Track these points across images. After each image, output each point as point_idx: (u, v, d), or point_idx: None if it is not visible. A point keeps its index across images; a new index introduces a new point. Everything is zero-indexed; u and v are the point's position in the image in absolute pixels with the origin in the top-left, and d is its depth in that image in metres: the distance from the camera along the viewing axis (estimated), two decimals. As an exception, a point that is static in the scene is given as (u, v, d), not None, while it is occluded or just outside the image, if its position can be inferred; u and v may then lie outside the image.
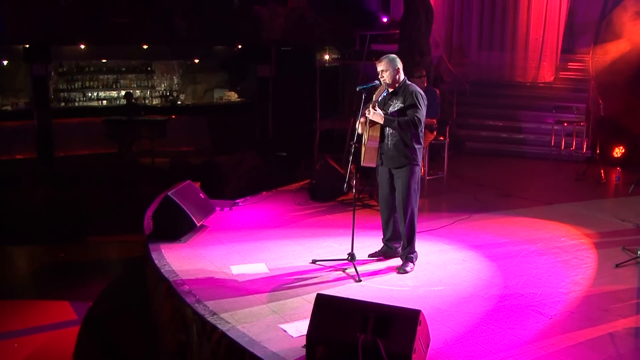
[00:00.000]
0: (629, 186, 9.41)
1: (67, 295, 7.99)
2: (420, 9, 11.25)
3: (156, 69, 17.98)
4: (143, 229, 7.21)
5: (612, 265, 6.16)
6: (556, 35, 13.07)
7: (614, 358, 4.35)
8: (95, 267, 9.15)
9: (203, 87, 18.45)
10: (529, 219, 7.75)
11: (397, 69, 5.83)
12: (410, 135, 5.80)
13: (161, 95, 17.78)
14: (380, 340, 3.85)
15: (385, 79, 5.84)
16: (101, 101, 17.20)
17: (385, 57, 5.87)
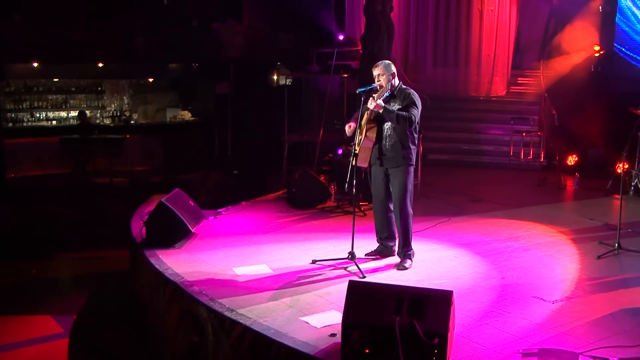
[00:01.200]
0: (587, 190, 9.95)
1: (48, 309, 7.82)
2: (382, 25, 11.51)
3: (106, 89, 17.77)
4: (132, 239, 7.13)
5: (594, 257, 6.54)
6: (507, 51, 13.68)
7: (620, 333, 4.65)
8: (70, 282, 8.99)
9: (154, 106, 18.31)
10: (505, 220, 8.09)
11: (393, 74, 6.10)
12: (407, 137, 6.03)
13: (112, 115, 17.56)
14: (416, 321, 4.00)
15: (381, 82, 6.07)
16: (50, 121, 16.86)
17: (382, 63, 6.14)
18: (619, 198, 9.38)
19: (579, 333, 4.68)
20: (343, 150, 9.73)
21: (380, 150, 6.10)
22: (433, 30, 13.88)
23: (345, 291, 5.27)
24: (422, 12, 13.89)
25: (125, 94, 18.15)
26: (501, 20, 13.55)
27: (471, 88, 13.78)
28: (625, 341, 4.50)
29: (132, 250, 7.43)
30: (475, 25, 13.59)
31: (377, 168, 6.22)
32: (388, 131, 6.05)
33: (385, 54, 11.66)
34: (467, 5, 13.55)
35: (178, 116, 17.07)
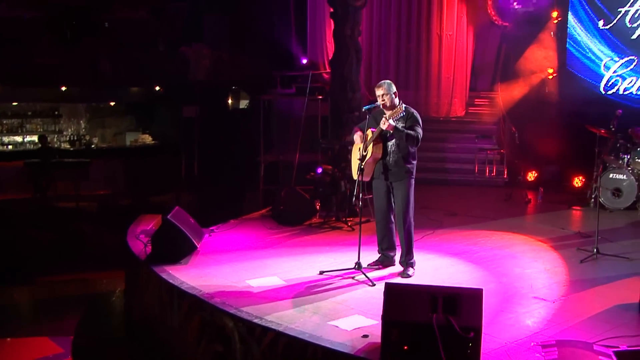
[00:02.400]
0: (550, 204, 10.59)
1: (42, 331, 7.80)
2: (351, 48, 11.98)
3: (63, 113, 17.65)
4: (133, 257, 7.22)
5: (576, 261, 7.07)
6: (464, 74, 14.35)
7: (620, 325, 5.13)
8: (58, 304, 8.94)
9: (112, 130, 18.27)
10: (485, 231, 8.57)
11: (395, 93, 6.51)
12: (408, 153, 6.43)
13: (69, 140, 17.41)
14: (452, 317, 4.34)
15: (385, 102, 6.46)
16: (6, 146, 16.62)
17: (385, 83, 6.54)
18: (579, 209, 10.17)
19: (585, 327, 5.13)
20: (323, 169, 10.04)
21: (385, 166, 6.46)
22: (395, 54, 14.42)
23: (361, 298, 5.69)
24: (385, 36, 14.43)
25: (82, 118, 18.06)
26: (459, 45, 14.22)
27: (432, 109, 14.35)
28: (627, 332, 4.96)
29: (132, 269, 7.50)
30: (435, 50, 14.21)
31: (380, 182, 6.58)
32: (392, 147, 6.43)
33: (354, 77, 12.15)
34: (427, 30, 14.16)
35: (139, 140, 17.07)
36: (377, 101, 6.61)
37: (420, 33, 14.27)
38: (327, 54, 15.13)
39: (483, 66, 15.19)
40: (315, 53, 15.34)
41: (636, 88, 11.71)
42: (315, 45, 15.34)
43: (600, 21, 12.06)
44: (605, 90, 12.02)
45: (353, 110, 11.77)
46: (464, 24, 14.21)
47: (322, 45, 15.18)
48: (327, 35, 15.06)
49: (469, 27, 14.27)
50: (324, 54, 15.18)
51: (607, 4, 11.95)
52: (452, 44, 14.22)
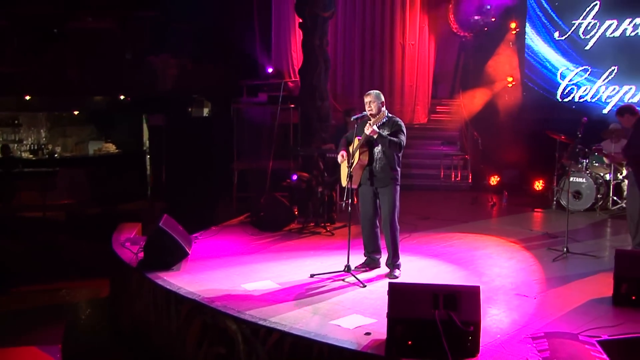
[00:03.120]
0: (514, 206, 11.11)
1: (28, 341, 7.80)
2: (319, 58, 12.27)
3: (23, 122, 17.44)
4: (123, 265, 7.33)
5: (549, 260, 7.51)
6: (427, 82, 14.85)
7: (599, 317, 5.54)
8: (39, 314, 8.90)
9: (73, 139, 18.13)
10: (459, 234, 8.98)
11: (382, 102, 6.83)
12: (394, 160, 6.76)
13: (30, 149, 17.21)
14: (452, 313, 4.67)
15: (372, 109, 6.77)
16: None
17: (373, 92, 6.85)
18: (541, 211, 10.70)
19: (567, 320, 5.52)
20: (298, 176, 10.30)
21: (371, 172, 6.77)
22: (359, 62, 14.81)
23: (355, 298, 6.00)
24: (349, 45, 14.80)
25: (42, 127, 17.87)
26: (421, 54, 14.71)
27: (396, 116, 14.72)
28: (605, 323, 5.38)
29: (120, 276, 7.61)
30: (398, 58, 14.66)
31: (367, 187, 6.88)
32: (378, 155, 6.74)
33: (323, 85, 12.45)
34: (390, 40, 14.61)
35: (103, 148, 17.00)
36: (358, 111, 6.89)
37: (383, 43, 14.71)
38: (292, 62, 15.43)
39: (443, 75, 15.73)
40: (280, 62, 15.60)
41: (590, 95, 12.35)
42: (280, 54, 15.60)
43: (556, 32, 12.70)
44: (562, 97, 12.65)
45: (322, 118, 12.07)
46: (425, 34, 14.71)
47: (287, 54, 15.46)
48: (291, 45, 15.36)
49: (430, 37, 14.77)
50: (289, 63, 15.46)
51: (562, 16, 12.60)
52: (415, 53, 14.69)
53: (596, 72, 12.22)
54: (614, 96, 12.04)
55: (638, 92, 11.73)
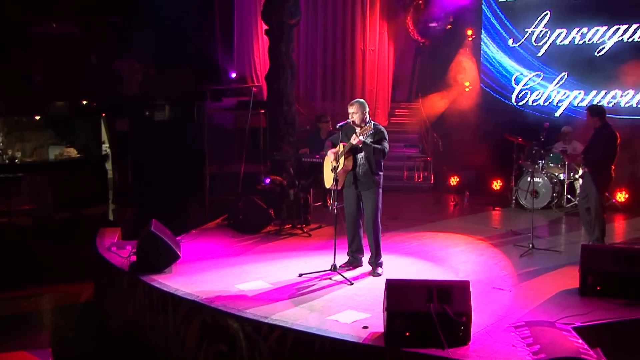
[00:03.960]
0: (476, 205, 11.70)
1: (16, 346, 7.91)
2: (286, 64, 12.60)
3: (-22, 128, 17.18)
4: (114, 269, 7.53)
5: (516, 256, 8.07)
6: (387, 86, 15.35)
7: (570, 307, 6.09)
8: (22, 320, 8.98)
9: (32, 144, 17.92)
10: (430, 232, 9.48)
11: (365, 112, 7.23)
12: (376, 165, 7.18)
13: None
14: (446, 306, 5.12)
15: (355, 119, 7.18)
16: None
17: (357, 102, 7.26)
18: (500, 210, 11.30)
19: (542, 310, 6.06)
20: (271, 180, 10.63)
21: (355, 176, 7.18)
22: (321, 67, 15.21)
23: (345, 295, 6.44)
24: (311, 51, 15.18)
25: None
26: (381, 59, 15.20)
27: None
28: (576, 312, 5.93)
29: (109, 280, 7.80)
30: (359, 63, 15.11)
31: (351, 190, 7.28)
32: (361, 160, 7.16)
33: (289, 91, 12.79)
34: (351, 46, 15.05)
35: (64, 153, 16.90)
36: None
37: (345, 48, 15.13)
38: (255, 67, 15.74)
39: (400, 78, 16.26)
40: (243, 67, 15.89)
41: (543, 100, 13.05)
42: (243, 59, 15.88)
43: (510, 39, 13.37)
44: (517, 101, 13.33)
45: (289, 122, 12.42)
46: (385, 40, 15.20)
47: (250, 59, 15.76)
48: (254, 50, 15.67)
49: (389, 42, 15.27)
50: (252, 68, 15.78)
51: (515, 24, 13.27)
52: (375, 58, 15.16)
53: (548, 78, 12.91)
54: (564, 100, 12.76)
55: (587, 96, 12.47)
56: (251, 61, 15.72)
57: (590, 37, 12.36)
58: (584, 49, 12.44)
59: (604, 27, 12.18)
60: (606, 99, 12.23)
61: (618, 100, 12.14)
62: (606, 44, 12.19)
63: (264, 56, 15.29)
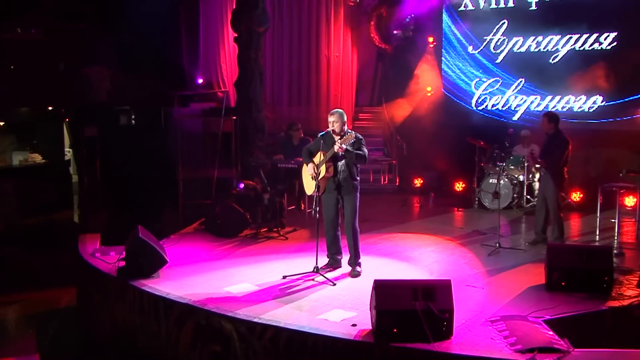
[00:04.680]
0: (440, 207, 12.23)
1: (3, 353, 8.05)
2: (255, 70, 12.91)
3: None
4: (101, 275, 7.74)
5: (485, 255, 8.58)
6: (350, 91, 15.82)
7: (540, 301, 6.59)
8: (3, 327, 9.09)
9: (-8, 150, 17.78)
10: (401, 234, 9.94)
11: (344, 121, 7.63)
12: (355, 171, 7.59)
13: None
14: (430, 303, 5.54)
15: (335, 128, 7.56)
16: None
17: (336, 112, 7.64)
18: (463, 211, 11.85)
19: (513, 305, 6.55)
20: (244, 184, 10.93)
21: (335, 182, 7.57)
22: (287, 73, 15.60)
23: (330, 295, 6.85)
24: (278, 57, 15.55)
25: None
26: (344, 65, 15.66)
27: (322, 124, 15.51)
28: (545, 306, 6.43)
29: (95, 286, 8.00)
30: (324, 69, 15.55)
31: (330, 195, 7.67)
32: (342, 167, 7.55)
33: (259, 97, 13.12)
34: (316, 52, 15.47)
35: (29, 159, 16.84)
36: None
37: (310, 54, 15.56)
38: (221, 73, 16.03)
39: (362, 83, 16.74)
40: (209, 73, 16.15)
41: (501, 104, 13.68)
42: (209, 65, 16.15)
43: (469, 46, 13.96)
44: (477, 106, 13.93)
45: (258, 128, 12.74)
46: (349, 46, 15.66)
47: (216, 65, 16.03)
48: (221, 56, 15.95)
49: (353, 49, 15.74)
50: (219, 74, 16.06)
51: (474, 32, 13.87)
52: (339, 64, 15.62)
53: (506, 83, 13.54)
54: (522, 105, 13.41)
55: (542, 101, 13.13)
56: (217, 67, 16.02)
57: (545, 45, 13.02)
58: (540, 57, 13.10)
59: (557, 36, 12.85)
60: (560, 103, 12.92)
61: (571, 105, 12.83)
62: (560, 52, 12.87)
63: (230, 62, 15.62)
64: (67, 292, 9.87)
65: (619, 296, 6.75)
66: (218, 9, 15.89)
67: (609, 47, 12.38)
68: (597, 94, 12.49)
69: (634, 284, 7.12)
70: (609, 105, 12.41)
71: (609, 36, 12.35)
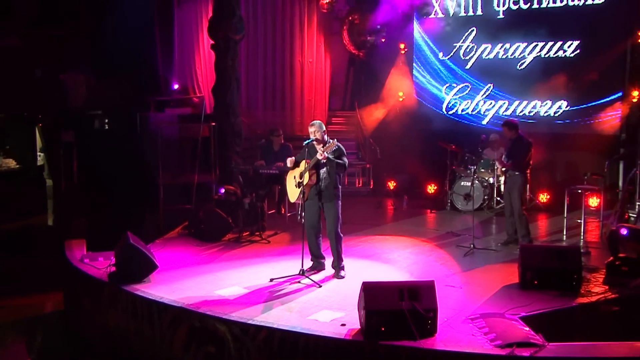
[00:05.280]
0: (415, 209, 12.66)
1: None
2: (232, 77, 13.17)
3: None
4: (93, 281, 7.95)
5: (460, 255, 9.02)
6: (324, 96, 16.18)
7: (514, 299, 7.02)
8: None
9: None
10: (379, 236, 10.32)
11: (324, 130, 7.99)
12: (336, 179, 7.95)
13: None
14: (415, 303, 5.92)
15: (317, 137, 7.91)
16: None
17: (317, 122, 8.02)
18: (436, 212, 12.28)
19: (490, 303, 6.98)
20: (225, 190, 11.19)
21: (318, 189, 7.91)
22: (262, 79, 15.91)
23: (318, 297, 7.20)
24: (253, 63, 15.83)
25: None
26: (318, 70, 16.02)
27: (296, 128, 15.98)
28: (519, 303, 6.87)
29: (85, 291, 8.20)
30: (297, 75, 15.89)
31: (313, 202, 8.00)
32: (324, 175, 7.90)
33: (236, 103, 13.39)
34: (290, 58, 15.81)
35: (3, 164, 16.85)
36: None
37: (284, 60, 15.89)
38: (196, 79, 16.26)
39: (334, 88, 17.11)
40: (184, 79, 16.36)
41: (471, 109, 14.17)
42: (184, 71, 16.36)
43: (440, 53, 14.44)
44: (447, 110, 14.41)
45: (236, 133, 13.02)
46: (322, 52, 16.03)
47: (192, 71, 16.25)
48: (196, 62, 16.17)
49: (326, 55, 16.11)
50: (194, 80, 16.28)
51: (445, 39, 14.35)
52: (312, 70, 15.97)
53: (476, 89, 14.04)
54: (490, 109, 13.92)
55: (510, 106, 13.66)
56: (193, 73, 16.24)
57: (512, 52, 13.54)
58: (507, 63, 13.61)
59: (524, 43, 13.38)
60: (527, 108, 13.46)
61: (538, 110, 13.38)
62: (526, 59, 13.40)
63: (205, 68, 15.87)
64: (51, 298, 10.05)
65: (587, 293, 7.22)
66: (193, 16, 16.11)
67: (572, 54, 12.94)
68: (562, 99, 13.05)
69: (600, 281, 7.60)
70: (573, 110, 12.98)
71: (572, 44, 12.91)
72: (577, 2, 12.78)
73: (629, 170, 11.33)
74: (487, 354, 5.61)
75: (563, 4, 12.93)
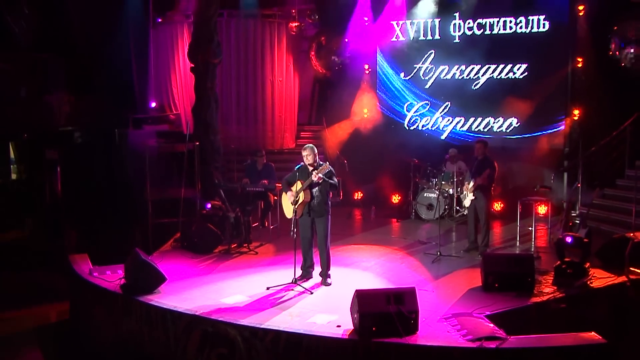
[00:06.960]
0: (382, 218, 13.85)
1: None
2: (211, 98, 14.14)
3: None
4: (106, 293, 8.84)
5: (429, 262, 10.24)
6: (293, 112, 17.29)
7: (479, 301, 8.23)
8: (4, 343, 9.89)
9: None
10: (353, 245, 11.47)
11: (316, 153, 9.09)
12: (327, 197, 9.06)
13: None
14: (400, 306, 7.09)
15: (309, 160, 9.00)
16: None
17: (309, 147, 9.09)
18: (401, 222, 13.48)
19: (459, 304, 8.18)
20: (211, 205, 12.19)
21: (310, 206, 9.01)
22: (235, 96, 16.91)
23: (312, 302, 8.23)
24: (226, 81, 16.80)
25: None
26: (287, 88, 17.13)
27: (268, 142, 17.03)
28: (484, 304, 8.09)
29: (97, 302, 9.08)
30: (268, 92, 16.96)
31: (306, 218, 9.10)
32: (315, 193, 9.01)
33: (215, 122, 14.37)
34: (262, 77, 16.90)
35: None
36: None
37: (256, 79, 16.94)
38: (172, 97, 17.13)
39: (302, 103, 18.23)
40: (160, 97, 17.22)
41: (431, 125, 15.49)
42: (161, 89, 17.22)
43: (401, 73, 15.71)
44: (409, 126, 15.70)
45: (215, 150, 14.01)
46: (291, 71, 17.14)
47: (168, 89, 17.12)
48: (172, 81, 17.05)
49: (295, 73, 17.23)
50: (170, 98, 17.15)
51: (405, 60, 15.64)
52: (282, 87, 17.07)
53: (435, 106, 15.36)
54: (448, 125, 15.26)
55: (467, 122, 15.02)
56: (169, 91, 17.10)
57: (467, 73, 14.91)
58: (463, 83, 14.98)
59: (478, 65, 14.77)
60: (482, 124, 14.84)
61: (491, 126, 14.77)
62: (480, 80, 14.78)
63: (181, 87, 16.78)
64: (54, 308, 10.85)
65: (540, 293, 8.49)
66: (168, 36, 16.98)
67: (522, 76, 14.38)
68: (512, 116, 14.46)
69: (550, 283, 8.89)
70: (522, 126, 14.40)
71: (521, 67, 14.34)
72: (525, 29, 14.20)
73: (572, 181, 12.79)
74: (461, 347, 6.80)
75: (512, 31, 14.35)
